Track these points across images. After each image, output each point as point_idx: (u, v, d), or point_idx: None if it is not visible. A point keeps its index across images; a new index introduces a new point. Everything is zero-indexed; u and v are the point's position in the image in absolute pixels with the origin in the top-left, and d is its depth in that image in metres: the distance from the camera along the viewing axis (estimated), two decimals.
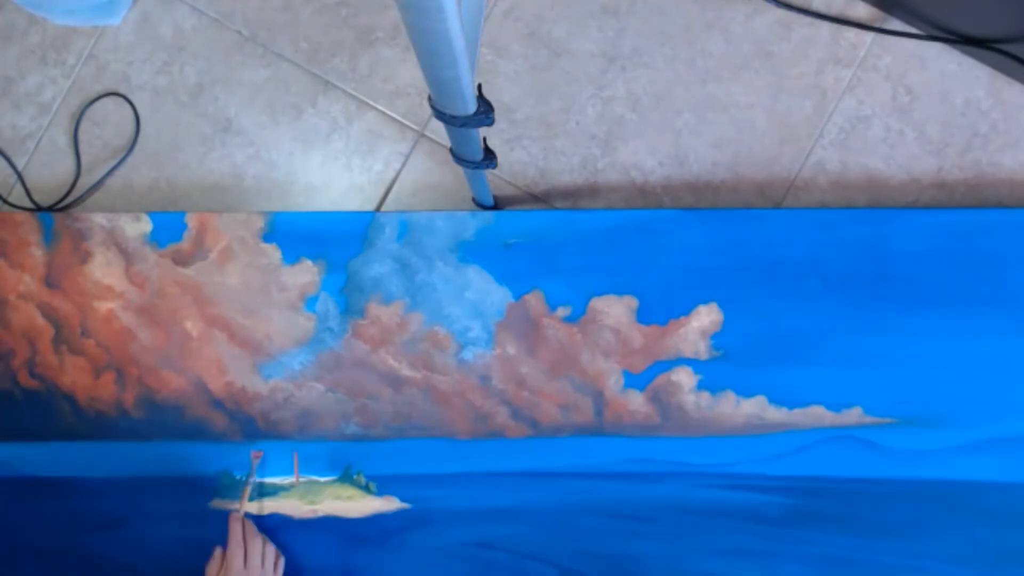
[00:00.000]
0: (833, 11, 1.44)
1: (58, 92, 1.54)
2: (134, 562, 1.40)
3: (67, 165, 1.53)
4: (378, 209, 1.48)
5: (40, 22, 1.54)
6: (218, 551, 1.29)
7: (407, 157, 1.49)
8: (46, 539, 1.42)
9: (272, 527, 1.39)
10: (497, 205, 1.43)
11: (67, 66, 1.54)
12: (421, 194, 1.48)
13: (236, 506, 1.39)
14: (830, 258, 1.36)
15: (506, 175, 1.47)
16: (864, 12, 1.44)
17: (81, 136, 1.53)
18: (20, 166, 1.53)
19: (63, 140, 1.53)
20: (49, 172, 1.53)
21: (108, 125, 1.53)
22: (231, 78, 1.52)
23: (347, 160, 1.49)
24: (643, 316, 1.37)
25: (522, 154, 1.47)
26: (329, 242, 1.41)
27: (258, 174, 1.50)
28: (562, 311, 1.38)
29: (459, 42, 0.77)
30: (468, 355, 1.39)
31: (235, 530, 1.30)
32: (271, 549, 1.31)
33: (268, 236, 1.42)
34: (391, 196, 1.48)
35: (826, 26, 1.44)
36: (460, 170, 1.45)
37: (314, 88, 1.51)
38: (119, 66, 1.53)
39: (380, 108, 1.49)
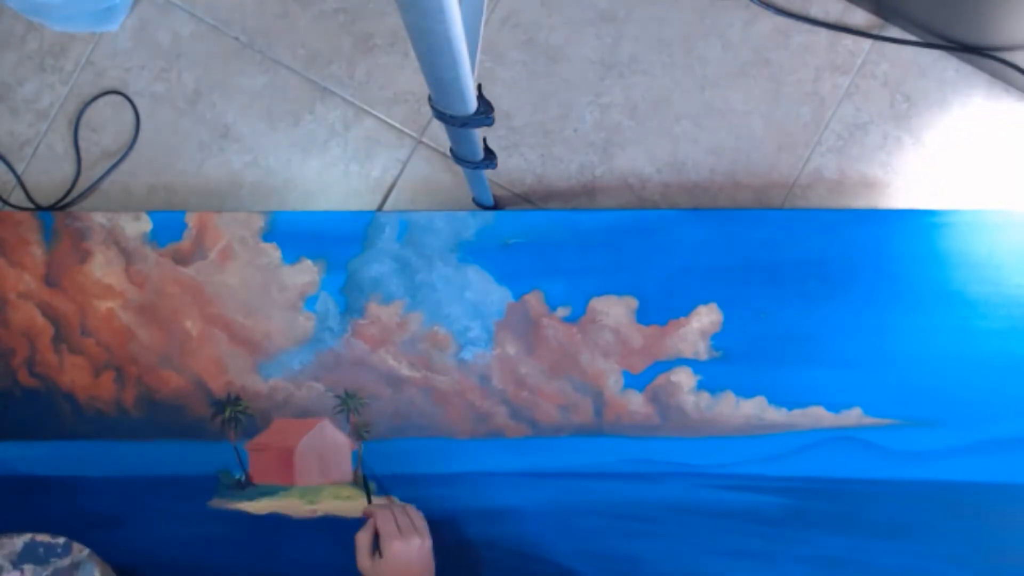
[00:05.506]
0: (831, 18, 1.45)
1: (56, 98, 1.54)
2: (134, 562, 1.39)
3: (65, 171, 1.53)
4: None
5: (38, 28, 1.55)
6: (367, 524, 1.22)
7: (405, 163, 1.49)
8: None
9: (272, 527, 1.39)
10: (497, 205, 1.44)
11: (65, 72, 1.54)
12: (419, 200, 1.48)
13: (366, 504, 1.33)
14: (830, 258, 1.36)
15: (504, 181, 1.47)
16: (862, 19, 1.45)
17: (79, 142, 1.52)
18: (18, 172, 1.53)
19: (61, 146, 1.53)
20: (47, 178, 1.53)
21: (106, 131, 1.53)
22: (229, 84, 1.52)
23: (345, 166, 1.50)
24: (643, 316, 1.37)
25: (520, 161, 1.47)
26: (329, 242, 1.41)
27: (256, 180, 1.50)
28: (562, 311, 1.38)
29: (459, 42, 0.77)
30: (468, 355, 1.39)
31: (374, 513, 1.24)
32: (410, 508, 1.25)
33: (268, 236, 1.41)
34: (389, 202, 1.48)
35: (824, 33, 1.45)
36: (458, 175, 1.46)
37: (312, 95, 1.51)
38: (117, 72, 1.53)
39: (378, 115, 1.50)
